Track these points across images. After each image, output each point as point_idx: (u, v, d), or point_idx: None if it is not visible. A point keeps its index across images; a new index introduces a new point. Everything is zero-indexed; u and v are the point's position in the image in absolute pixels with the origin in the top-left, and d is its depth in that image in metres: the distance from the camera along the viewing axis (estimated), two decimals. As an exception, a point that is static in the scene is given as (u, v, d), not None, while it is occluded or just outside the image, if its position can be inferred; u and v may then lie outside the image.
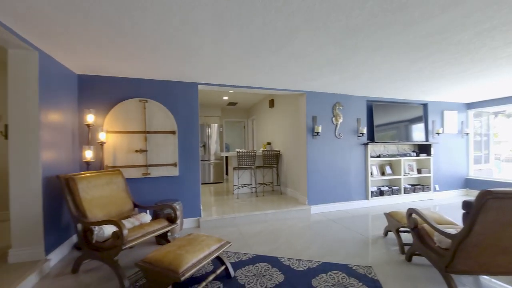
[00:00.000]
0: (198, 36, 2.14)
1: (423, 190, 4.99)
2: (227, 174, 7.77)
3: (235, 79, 3.48)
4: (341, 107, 4.38)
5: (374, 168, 4.75)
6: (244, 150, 4.91)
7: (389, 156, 4.77)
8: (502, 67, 3.05)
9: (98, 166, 3.09)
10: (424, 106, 5.19)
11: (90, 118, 2.95)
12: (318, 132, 4.10)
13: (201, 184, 3.73)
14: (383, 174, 4.87)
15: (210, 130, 7.05)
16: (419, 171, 5.08)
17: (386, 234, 3.05)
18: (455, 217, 2.99)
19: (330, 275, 2.16)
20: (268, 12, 1.77)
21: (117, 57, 2.58)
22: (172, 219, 2.63)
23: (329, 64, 2.86)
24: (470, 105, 5.48)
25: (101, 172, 2.72)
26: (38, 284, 2.07)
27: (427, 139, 5.16)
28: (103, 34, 2.07)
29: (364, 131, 4.43)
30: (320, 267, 2.29)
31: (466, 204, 2.79)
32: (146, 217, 2.58)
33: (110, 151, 3.15)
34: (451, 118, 5.36)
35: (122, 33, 2.05)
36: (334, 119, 4.34)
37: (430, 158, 5.02)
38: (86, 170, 2.85)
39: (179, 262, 1.73)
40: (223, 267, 2.16)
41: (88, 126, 2.96)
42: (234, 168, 5.05)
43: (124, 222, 2.29)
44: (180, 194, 3.49)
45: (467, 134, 5.46)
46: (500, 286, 2.03)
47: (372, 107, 4.69)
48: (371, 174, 4.64)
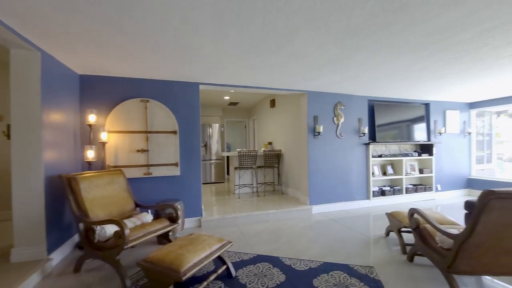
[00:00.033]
0: (198, 36, 2.14)
1: (425, 190, 4.97)
2: (228, 174, 7.78)
3: (236, 79, 3.48)
4: (342, 107, 4.37)
5: (375, 168, 4.73)
6: (245, 150, 4.91)
7: (390, 156, 4.76)
8: (504, 67, 3.03)
9: (100, 166, 3.11)
10: (426, 105, 5.18)
11: (91, 118, 2.97)
12: (319, 132, 4.09)
13: (202, 184, 3.73)
14: (384, 174, 4.85)
15: (211, 130, 7.06)
16: (421, 171, 5.07)
17: (387, 234, 3.04)
18: (457, 217, 2.97)
19: (332, 275, 2.16)
20: (268, 12, 1.77)
21: (118, 57, 2.58)
22: (173, 219, 2.63)
23: (330, 64, 2.86)
24: (473, 104, 5.46)
25: (103, 172, 2.73)
26: (40, 283, 2.08)
27: (429, 139, 5.14)
28: (104, 34, 2.07)
29: (366, 130, 4.42)
30: (322, 267, 2.29)
31: (469, 204, 2.78)
32: (148, 216, 2.59)
33: (111, 151, 3.16)
34: (453, 118, 5.33)
35: (122, 33, 2.06)
36: (335, 118, 4.33)
37: (432, 158, 5.00)
38: (88, 170, 2.86)
39: (181, 262, 1.74)
40: (224, 267, 2.16)
41: (90, 126, 2.98)
42: (235, 168, 5.06)
43: (125, 221, 2.30)
44: (182, 194, 3.49)
45: (469, 133, 5.44)
46: (503, 286, 2.02)
47: (373, 106, 4.68)
48: (373, 174, 4.63)
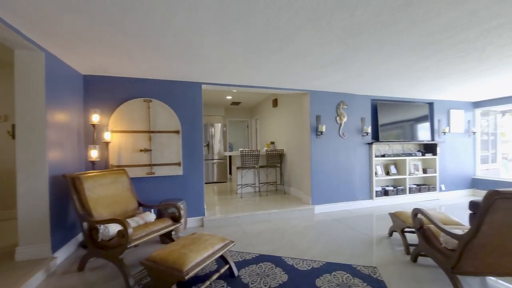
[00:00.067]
0: (201, 36, 2.14)
1: (428, 190, 4.93)
2: (230, 173, 7.79)
3: (238, 79, 3.48)
4: (345, 106, 4.35)
5: (378, 167, 4.70)
6: (247, 149, 4.91)
7: (394, 155, 4.73)
8: (509, 65, 3.00)
9: (103, 165, 3.13)
10: (430, 105, 5.13)
11: (95, 118, 2.99)
12: (322, 132, 4.08)
13: (204, 183, 3.74)
14: (387, 173, 4.82)
15: (213, 130, 7.07)
16: (424, 171, 5.02)
17: (391, 235, 3.02)
18: (462, 217, 2.95)
19: (334, 275, 2.15)
20: (271, 11, 1.77)
21: (121, 57, 2.60)
22: (176, 218, 2.64)
23: (332, 63, 2.84)
24: (477, 104, 5.40)
25: (106, 171, 2.75)
26: (45, 282, 2.10)
27: (433, 139, 5.10)
28: (107, 34, 2.08)
29: (369, 130, 4.40)
30: (324, 267, 2.28)
31: (473, 205, 2.76)
32: (151, 216, 2.60)
33: (115, 150, 3.18)
34: (458, 117, 5.28)
35: (125, 33, 2.07)
36: (338, 118, 4.32)
37: (436, 158, 4.95)
38: (91, 170, 2.89)
39: (183, 261, 1.74)
40: (227, 266, 2.16)
41: (94, 125, 3.00)
42: (238, 168, 5.06)
43: (129, 221, 2.32)
44: (184, 193, 3.51)
45: (474, 133, 5.38)
46: (508, 287, 2.00)
47: (376, 106, 4.65)
48: (376, 174, 4.60)
